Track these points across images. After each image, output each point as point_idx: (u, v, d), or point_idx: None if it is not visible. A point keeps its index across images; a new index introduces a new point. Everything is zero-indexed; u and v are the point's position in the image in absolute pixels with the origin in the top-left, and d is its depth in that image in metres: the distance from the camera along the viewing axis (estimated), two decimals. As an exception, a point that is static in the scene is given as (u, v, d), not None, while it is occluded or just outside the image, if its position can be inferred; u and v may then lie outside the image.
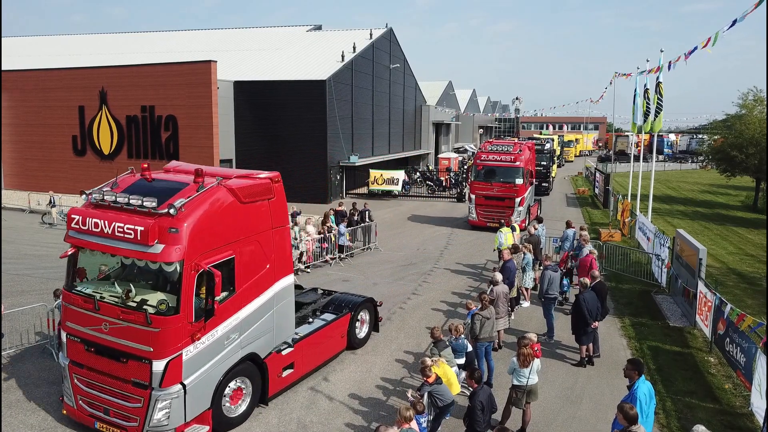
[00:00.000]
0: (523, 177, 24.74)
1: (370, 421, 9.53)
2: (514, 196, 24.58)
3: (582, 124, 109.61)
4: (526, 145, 26.83)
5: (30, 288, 15.94)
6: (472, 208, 25.66)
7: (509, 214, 23.35)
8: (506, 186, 24.66)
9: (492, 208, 24.98)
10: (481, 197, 25.24)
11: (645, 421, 7.36)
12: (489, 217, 25.02)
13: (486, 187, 25.09)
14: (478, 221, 25.48)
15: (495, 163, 25.26)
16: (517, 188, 24.62)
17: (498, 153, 25.54)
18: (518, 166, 24.88)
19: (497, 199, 24.84)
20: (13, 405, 9.77)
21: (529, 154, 26.66)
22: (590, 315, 11.37)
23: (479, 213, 25.47)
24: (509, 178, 24.74)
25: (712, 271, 18.60)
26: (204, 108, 30.02)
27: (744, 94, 36.71)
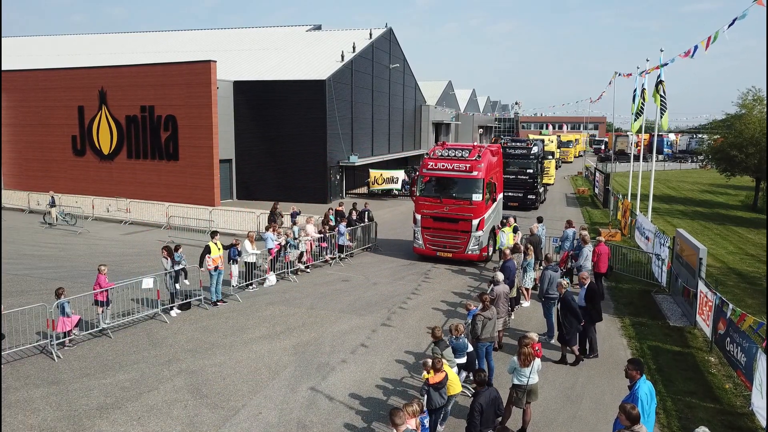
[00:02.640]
0: (482, 191, 19.07)
1: (371, 421, 9.51)
2: (471, 217, 18.87)
3: (582, 124, 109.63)
4: (488, 150, 20.54)
5: (30, 288, 15.93)
6: (418, 231, 19.91)
7: (463, 242, 19.09)
8: (460, 203, 19.04)
9: (442, 233, 19.43)
10: (428, 218, 19.56)
11: (646, 421, 7.34)
12: (439, 245, 19.49)
13: (434, 204, 19.44)
14: (425, 249, 19.79)
15: (446, 172, 19.55)
16: (474, 206, 18.91)
17: (450, 159, 19.67)
18: (475, 177, 19.05)
19: (449, 221, 19.21)
20: (13, 405, 9.75)
21: (493, 160, 20.76)
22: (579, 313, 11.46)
23: (426, 239, 19.70)
24: (464, 193, 19.19)
25: (713, 270, 18.60)
26: (204, 108, 30.01)
27: (744, 93, 36.75)
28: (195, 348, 12.38)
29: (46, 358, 11.60)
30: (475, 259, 19.39)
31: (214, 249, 15.05)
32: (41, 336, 12.33)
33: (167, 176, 31.58)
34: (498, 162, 21.68)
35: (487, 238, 19.53)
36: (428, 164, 19.96)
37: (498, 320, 11.74)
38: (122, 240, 24.18)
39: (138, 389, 10.45)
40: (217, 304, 15.13)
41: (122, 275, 15.53)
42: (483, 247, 19.30)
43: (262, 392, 10.46)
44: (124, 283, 13.86)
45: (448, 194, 19.45)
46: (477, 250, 19.14)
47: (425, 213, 19.66)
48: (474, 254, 19.22)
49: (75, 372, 11.08)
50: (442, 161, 19.78)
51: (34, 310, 12.14)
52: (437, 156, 20.07)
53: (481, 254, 19.40)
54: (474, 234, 19.04)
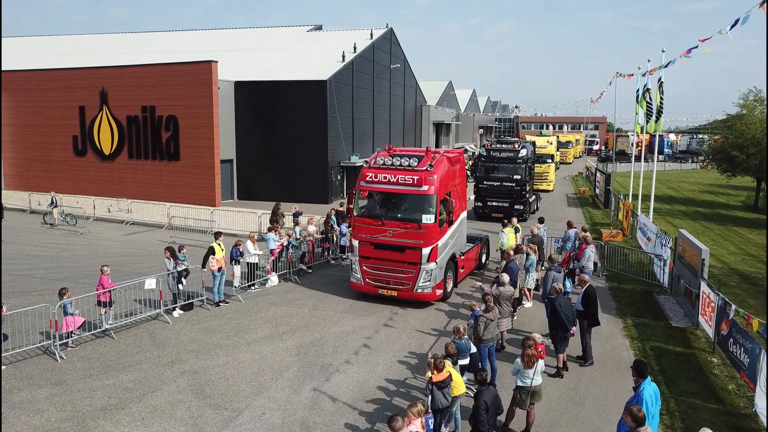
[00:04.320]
0: (435, 211, 14.65)
1: (374, 422, 9.52)
2: (420, 245, 14.61)
3: (582, 124, 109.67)
4: (444, 157, 15.86)
5: (32, 288, 15.92)
6: (355, 262, 15.61)
7: (411, 277, 14.81)
8: (407, 226, 14.74)
9: (385, 264, 15.11)
10: (367, 245, 15.27)
11: (651, 422, 7.36)
12: (381, 280, 15.21)
13: (375, 227, 15.09)
14: (363, 285, 15.50)
15: (388, 186, 15.07)
16: (425, 230, 14.59)
17: (394, 170, 15.03)
18: (426, 193, 14.66)
19: (393, 250, 14.96)
20: (17, 406, 9.75)
21: (452, 169, 16.21)
22: (567, 320, 11.15)
23: (365, 272, 15.37)
24: (412, 213, 14.89)
25: (714, 271, 18.62)
26: (205, 108, 30.00)
27: (745, 94, 36.75)
28: (198, 349, 12.39)
29: (49, 359, 11.61)
30: (428, 300, 15.05)
31: (218, 250, 15.06)
32: (44, 337, 12.34)
33: (168, 176, 31.58)
34: (458, 172, 16.93)
35: (444, 272, 15.29)
36: (367, 176, 15.28)
37: (501, 321, 11.75)
38: (124, 240, 24.18)
39: (141, 390, 10.45)
40: (219, 305, 15.13)
41: (124, 276, 15.53)
42: (438, 282, 15.01)
43: (265, 393, 10.47)
44: (126, 283, 13.87)
45: (391, 215, 15.08)
46: (429, 288, 14.81)
47: (363, 239, 15.24)
48: (425, 293, 14.84)
49: (78, 373, 11.08)
50: (385, 172, 15.01)
51: (36, 311, 12.14)
52: (379, 165, 15.28)
53: (434, 292, 14.91)
54: (425, 267, 14.60)
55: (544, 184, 41.08)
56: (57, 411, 9.65)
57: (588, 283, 12.14)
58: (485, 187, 28.34)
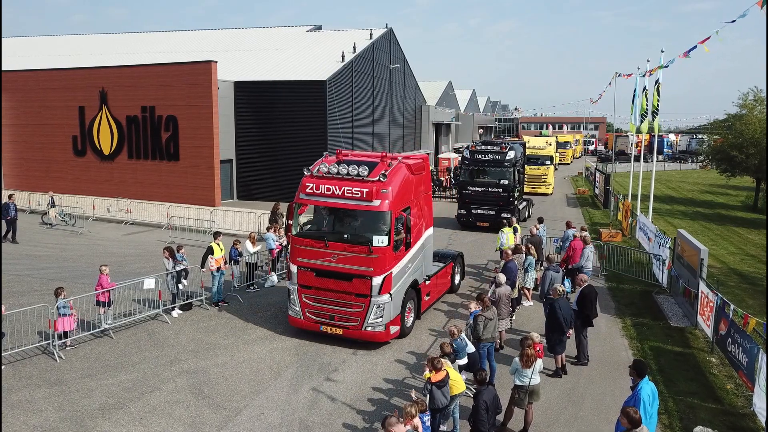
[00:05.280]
0: (388, 231, 12.01)
1: (373, 422, 9.53)
2: (371, 273, 11.99)
3: (582, 125, 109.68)
4: (403, 164, 12.99)
5: (31, 288, 15.93)
6: (293, 292, 12.81)
7: (359, 312, 12.16)
8: (355, 250, 12.09)
9: (329, 296, 12.44)
10: (308, 271, 12.58)
11: (648, 422, 7.37)
12: (323, 314, 12.53)
13: (317, 250, 12.46)
14: (303, 321, 12.77)
15: (332, 200, 12.45)
16: (377, 255, 11.95)
17: (340, 180, 12.40)
18: (377, 209, 12.03)
19: (338, 278, 12.30)
20: (15, 406, 9.76)
21: (412, 179, 13.33)
22: (565, 323, 11.13)
23: (305, 304, 12.66)
24: (361, 234, 12.36)
25: (713, 271, 18.62)
26: (204, 108, 30.00)
27: (744, 94, 36.76)
28: (197, 348, 12.39)
29: (48, 359, 11.62)
30: (380, 340, 12.34)
31: (217, 250, 15.07)
32: (43, 336, 12.34)
33: (168, 176, 31.57)
34: (422, 181, 14.17)
35: (401, 304, 12.64)
36: (306, 186, 12.60)
37: (500, 321, 11.76)
38: (123, 240, 24.19)
39: (140, 390, 10.46)
40: (218, 305, 15.14)
41: (124, 276, 15.54)
42: (393, 317, 12.35)
43: (264, 393, 10.48)
44: (125, 283, 13.88)
45: (336, 235, 12.50)
46: (381, 325, 12.12)
47: (303, 263, 12.56)
48: (377, 332, 12.17)
49: (77, 372, 11.09)
50: (328, 182, 12.36)
51: (35, 311, 12.15)
52: (322, 174, 12.62)
53: (387, 331, 12.23)
54: (376, 300, 11.94)
55: (543, 188, 39.84)
56: (56, 410, 9.66)
57: (586, 283, 12.14)
58: (469, 193, 25.80)
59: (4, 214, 22.27)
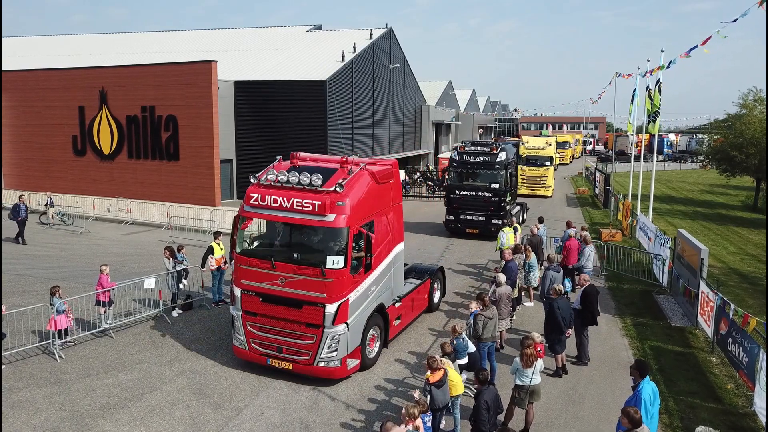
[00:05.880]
0: (345, 251, 10.44)
1: (373, 421, 9.52)
2: (323, 300, 10.43)
3: (582, 124, 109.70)
4: (366, 172, 11.36)
5: (31, 288, 15.93)
6: (238, 319, 11.19)
7: (311, 344, 10.54)
8: (305, 272, 10.50)
9: (276, 325, 10.83)
10: (253, 296, 11.00)
11: (649, 421, 7.38)
12: (270, 344, 10.90)
13: (262, 271, 10.85)
14: (248, 352, 11.15)
15: (279, 213, 10.82)
16: (331, 279, 10.37)
17: (290, 190, 10.78)
18: (331, 225, 10.46)
19: (287, 304, 10.69)
20: (16, 405, 9.76)
21: (375, 189, 11.56)
22: (564, 323, 11.13)
23: (250, 333, 11.05)
24: (311, 254, 10.86)
25: (714, 271, 18.62)
26: (204, 108, 29.99)
27: (744, 94, 36.78)
28: (197, 348, 12.39)
29: (48, 359, 11.61)
30: (335, 377, 10.71)
31: (217, 249, 15.07)
32: (43, 336, 12.34)
33: (168, 176, 31.55)
34: (390, 191, 12.45)
35: (361, 334, 10.98)
36: (251, 197, 11.01)
37: (501, 321, 11.76)
38: (123, 240, 24.19)
39: (140, 389, 10.46)
40: (219, 304, 15.13)
41: (124, 275, 15.54)
42: (352, 350, 10.77)
43: (264, 392, 10.48)
44: (126, 283, 13.88)
45: (285, 255, 10.90)
46: (336, 360, 10.53)
47: (247, 287, 10.99)
48: (331, 367, 10.57)
49: (77, 372, 11.09)
50: (275, 192, 10.77)
51: (35, 310, 12.16)
52: (270, 183, 10.96)
53: (344, 366, 10.67)
54: (329, 331, 10.40)
55: (543, 190, 38.36)
56: (56, 410, 9.66)
57: (588, 283, 12.16)
58: (457, 197, 24.09)
59: (15, 215, 22.33)
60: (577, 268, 15.81)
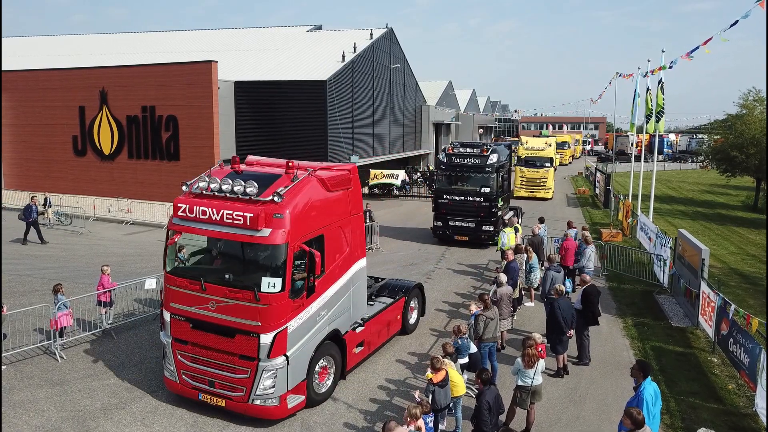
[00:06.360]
0: (282, 271, 9.02)
1: (374, 422, 9.52)
2: (257, 329, 9.03)
3: (582, 124, 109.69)
4: (313, 179, 9.94)
5: (32, 288, 15.92)
6: (168, 346, 9.88)
7: (245, 378, 9.18)
8: (237, 296, 9.13)
9: (207, 354, 9.51)
10: (183, 321, 9.69)
11: (651, 422, 7.38)
12: (201, 379, 9.59)
13: (192, 293, 9.52)
14: (179, 385, 9.84)
15: (208, 227, 9.49)
16: (266, 305, 8.96)
17: (221, 200, 9.48)
18: (266, 241, 9.03)
19: (217, 332, 9.35)
20: (17, 406, 9.76)
21: (326, 198, 10.15)
22: (565, 323, 11.12)
23: (180, 364, 9.75)
24: (243, 275, 9.49)
25: (714, 271, 18.62)
26: (205, 108, 29.97)
27: (745, 94, 36.79)
28: (198, 348, 12.36)
29: (49, 359, 11.61)
30: (273, 417, 9.38)
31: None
32: (45, 336, 12.34)
33: (168, 176, 31.52)
34: (346, 200, 10.82)
35: (306, 367, 9.60)
36: (179, 208, 9.74)
37: (502, 321, 11.76)
38: (124, 240, 24.19)
39: (142, 390, 10.46)
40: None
41: (125, 276, 15.53)
42: (295, 386, 9.42)
43: (265, 393, 10.44)
44: (126, 283, 13.88)
45: (216, 275, 9.62)
46: (273, 398, 9.17)
47: (177, 311, 9.70)
48: (268, 406, 9.23)
49: (79, 372, 11.09)
50: (205, 203, 9.46)
51: (37, 311, 12.15)
52: (201, 191, 9.66)
53: (283, 404, 9.30)
54: (265, 364, 9.06)
55: (542, 192, 37.39)
56: (57, 411, 9.66)
57: (589, 283, 12.16)
58: (446, 202, 22.56)
59: (27, 216, 22.35)
60: (578, 269, 15.81)
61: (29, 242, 22.47)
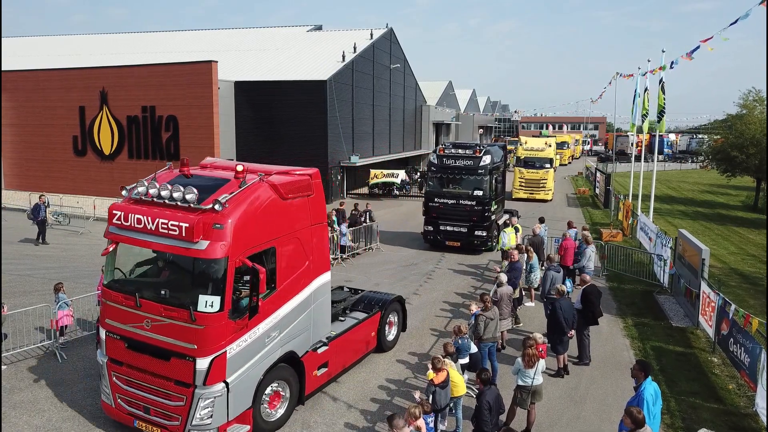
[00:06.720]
0: (221, 287, 8.05)
1: (375, 422, 9.53)
2: (193, 351, 8.07)
3: (582, 124, 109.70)
4: (265, 185, 8.92)
5: (32, 288, 15.93)
6: (104, 367, 9.01)
7: (180, 407, 8.25)
8: (172, 315, 8.17)
9: (142, 378, 8.56)
10: (117, 340, 8.78)
11: (651, 422, 7.38)
12: (137, 404, 8.66)
13: (127, 309, 8.59)
14: (114, 410, 8.95)
15: (143, 237, 8.52)
16: (203, 325, 7.98)
17: (158, 207, 8.52)
18: (203, 255, 8.03)
19: (152, 353, 8.42)
20: (18, 406, 9.76)
21: (278, 206, 9.03)
22: (566, 323, 11.12)
23: (116, 386, 8.83)
24: (178, 291, 8.56)
25: (714, 271, 18.63)
26: (205, 108, 30.00)
27: (745, 94, 36.80)
28: (198, 348, 12.36)
29: (50, 359, 11.61)
30: None
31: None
32: (45, 336, 12.34)
33: (168, 176, 31.59)
34: (304, 208, 9.74)
35: (252, 394, 8.68)
36: (114, 216, 8.79)
37: (502, 321, 11.77)
38: (124, 240, 24.14)
39: (142, 390, 10.44)
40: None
41: (125, 276, 15.50)
42: (238, 415, 8.52)
43: (266, 393, 10.44)
44: (127, 283, 13.84)
45: (152, 291, 8.72)
46: (212, 429, 8.29)
47: (112, 328, 8.84)
48: None
49: (79, 373, 11.09)
50: (141, 210, 8.55)
51: (37, 311, 12.16)
52: (141, 197, 8.83)
53: None
54: (201, 391, 8.14)
55: (542, 194, 36.61)
56: (58, 411, 9.66)
57: (588, 283, 12.16)
58: (437, 206, 21.53)
59: (36, 215, 22.38)
60: (578, 269, 15.82)
61: (41, 243, 22.47)
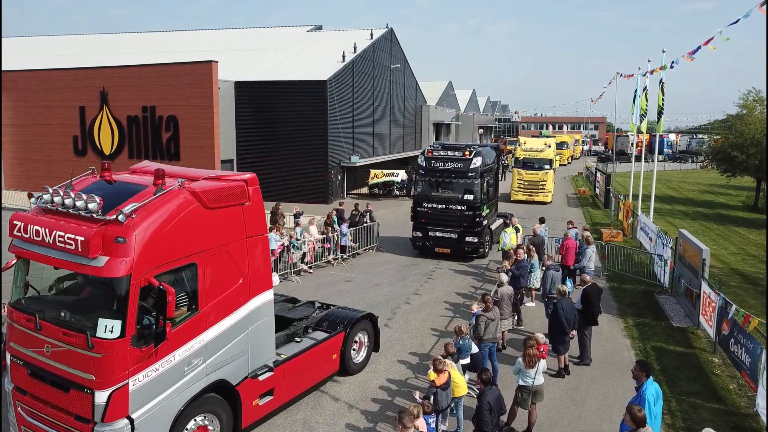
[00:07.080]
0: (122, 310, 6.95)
1: (376, 422, 9.53)
2: (91, 383, 6.97)
3: (582, 124, 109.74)
4: (181, 193, 7.64)
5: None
6: (9, 395, 8.10)
7: None
8: (69, 339, 7.11)
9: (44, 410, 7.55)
10: (21, 365, 7.78)
11: (653, 422, 7.38)
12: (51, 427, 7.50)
13: (28, 332, 7.54)
14: None
15: (40, 251, 7.42)
16: (101, 354, 6.90)
17: (59, 218, 7.38)
18: (102, 273, 6.92)
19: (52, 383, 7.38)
20: (18, 406, 9.74)
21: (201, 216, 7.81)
22: (567, 323, 11.11)
23: (20, 417, 7.91)
24: (75, 314, 7.57)
25: (715, 271, 18.63)
26: (205, 108, 30.02)
27: (745, 94, 36.82)
28: (199, 349, 12.35)
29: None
30: None
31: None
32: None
33: (168, 176, 31.60)
34: (237, 218, 8.53)
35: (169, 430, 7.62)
36: (15, 227, 7.74)
37: (502, 321, 11.77)
38: (124, 240, 24.13)
39: (143, 390, 10.43)
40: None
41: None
42: None
43: (266, 393, 10.43)
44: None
45: (52, 311, 7.73)
46: None
47: (16, 352, 7.89)
48: None
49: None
50: (41, 221, 7.54)
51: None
52: (46, 206, 7.74)
53: None
54: (100, 429, 7.05)
55: (541, 195, 35.62)
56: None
57: (589, 283, 12.17)
58: (425, 211, 20.30)
59: None
60: (579, 269, 15.82)
61: None
